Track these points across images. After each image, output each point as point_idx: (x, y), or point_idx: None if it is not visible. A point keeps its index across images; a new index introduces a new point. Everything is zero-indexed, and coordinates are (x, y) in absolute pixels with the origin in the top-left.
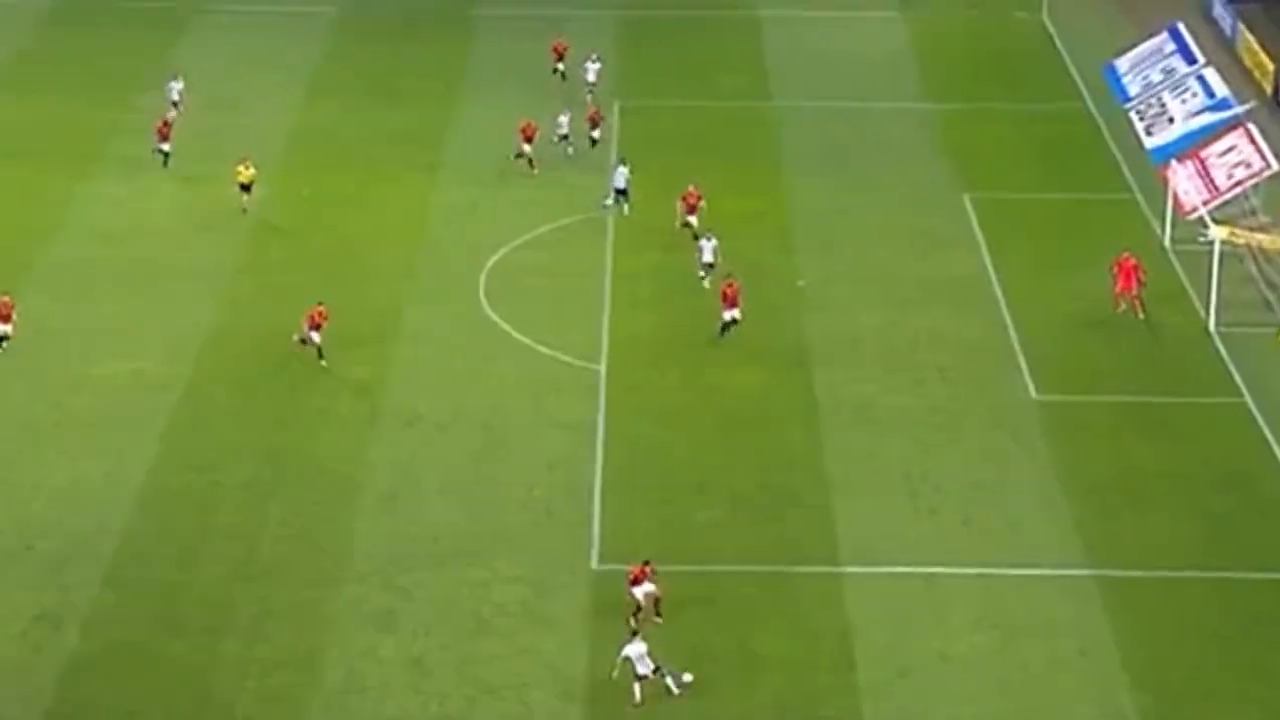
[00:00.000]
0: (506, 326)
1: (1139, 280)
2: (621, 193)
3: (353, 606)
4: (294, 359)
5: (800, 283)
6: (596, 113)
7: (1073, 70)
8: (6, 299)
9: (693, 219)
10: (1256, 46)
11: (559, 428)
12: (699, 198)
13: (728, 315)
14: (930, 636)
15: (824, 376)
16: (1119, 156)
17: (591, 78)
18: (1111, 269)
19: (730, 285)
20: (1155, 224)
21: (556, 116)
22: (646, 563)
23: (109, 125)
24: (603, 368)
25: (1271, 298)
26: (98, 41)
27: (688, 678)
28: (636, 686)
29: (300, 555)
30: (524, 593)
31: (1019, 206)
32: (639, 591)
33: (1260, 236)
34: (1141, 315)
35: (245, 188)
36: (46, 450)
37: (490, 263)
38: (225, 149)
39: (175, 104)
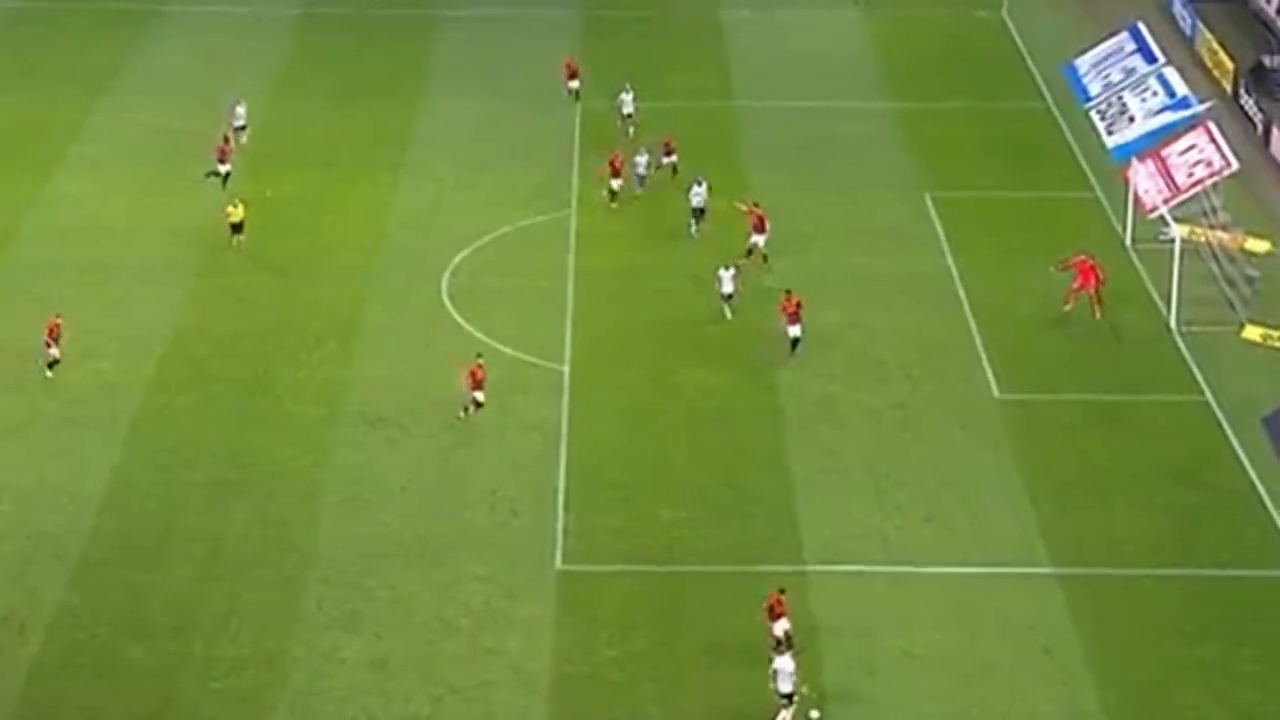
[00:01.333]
0: (470, 327)
1: (1097, 280)
2: (699, 212)
3: (317, 607)
4: (256, 359)
5: (766, 282)
6: (670, 141)
7: (1033, 69)
8: (58, 321)
9: (759, 239)
10: (1216, 45)
11: (523, 428)
12: (763, 218)
13: (793, 332)
14: (895, 635)
15: (787, 375)
16: (1080, 155)
17: (628, 109)
18: (1066, 266)
19: (790, 301)
20: (1116, 223)
21: (634, 157)
22: (782, 590)
23: (70, 127)
24: (566, 368)
25: (1232, 296)
26: (58, 43)
27: (814, 715)
28: (785, 713)
29: (264, 556)
30: (488, 593)
31: (981, 205)
32: (779, 628)
33: (1220, 235)
34: (1099, 315)
35: (236, 228)
36: (10, 452)
37: (453, 263)
38: (186, 150)
39: (241, 128)
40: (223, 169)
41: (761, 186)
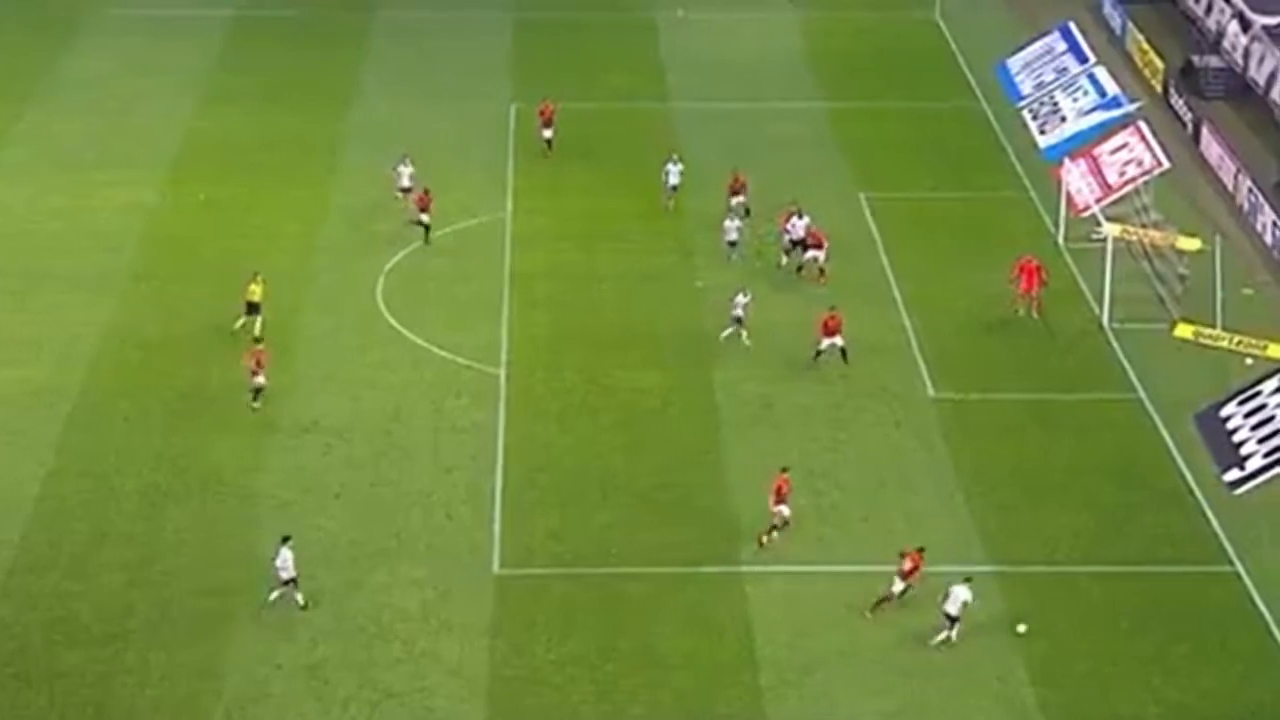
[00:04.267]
0: (404, 330)
1: (1041, 281)
2: (800, 244)
3: (252, 613)
4: (189, 365)
5: (698, 283)
6: (739, 179)
7: (966, 69)
8: (261, 349)
9: (818, 254)
10: (1146, 45)
11: (458, 431)
12: (819, 235)
13: (825, 343)
14: (832, 634)
15: (723, 376)
16: (1013, 155)
17: (674, 180)
18: (1013, 272)
19: (833, 317)
20: (1049, 222)
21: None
22: (920, 549)
23: None
24: (501, 370)
25: (1164, 294)
26: None
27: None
28: (948, 630)
29: (199, 562)
30: (425, 597)
31: (915, 205)
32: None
33: (1152, 233)
34: (1037, 315)
35: (253, 307)
36: None
37: (387, 267)
38: (117, 155)
39: (407, 190)
40: (425, 218)
41: (695, 188)
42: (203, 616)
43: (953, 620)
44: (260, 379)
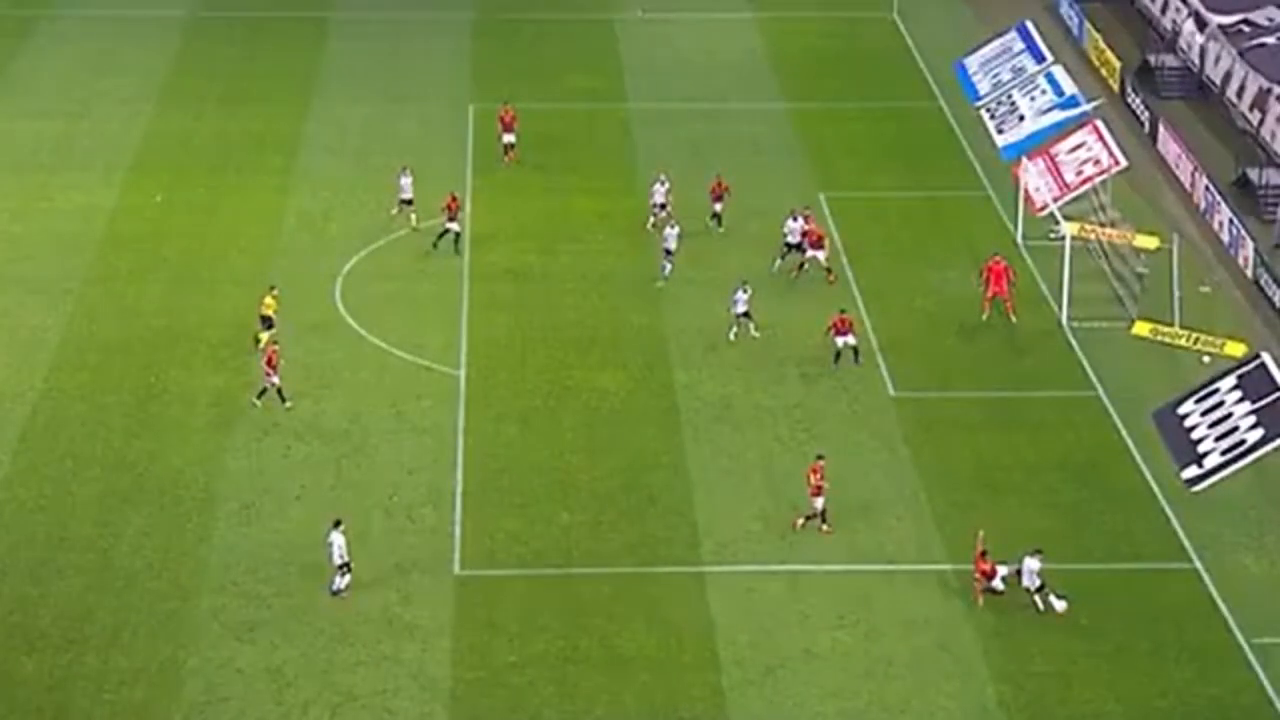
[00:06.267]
0: (364, 332)
1: (1010, 281)
2: (796, 248)
3: (212, 617)
4: (147, 367)
5: (658, 284)
6: (719, 183)
7: (924, 69)
8: (276, 347)
9: (819, 254)
10: (1103, 44)
11: (418, 433)
12: (820, 235)
13: (840, 342)
14: (794, 633)
15: (683, 376)
16: (971, 154)
17: (659, 199)
18: (981, 274)
19: (844, 318)
20: (1007, 221)
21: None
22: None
23: None
24: (461, 371)
25: (1122, 292)
26: None
27: (1061, 606)
28: (1040, 601)
29: (158, 566)
30: (386, 599)
31: (874, 205)
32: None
33: (1110, 232)
34: (1014, 318)
35: (267, 321)
36: None
37: (346, 268)
38: (74, 157)
39: (407, 202)
40: (453, 227)
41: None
42: (162, 620)
43: (1038, 590)
44: (275, 379)
